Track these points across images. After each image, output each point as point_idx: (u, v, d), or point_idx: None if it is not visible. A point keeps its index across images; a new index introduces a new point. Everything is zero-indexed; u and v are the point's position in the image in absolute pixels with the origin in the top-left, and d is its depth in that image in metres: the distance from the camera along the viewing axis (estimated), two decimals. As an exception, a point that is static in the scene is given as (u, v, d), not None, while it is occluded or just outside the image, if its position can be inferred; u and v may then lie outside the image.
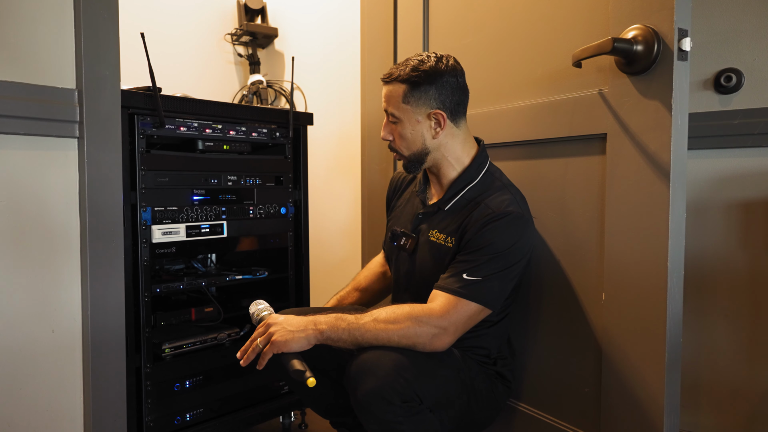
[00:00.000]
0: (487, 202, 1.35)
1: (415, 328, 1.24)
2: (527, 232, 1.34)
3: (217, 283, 1.82)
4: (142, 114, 1.58)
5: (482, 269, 1.28)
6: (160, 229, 1.62)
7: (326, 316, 1.30)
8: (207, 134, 1.74)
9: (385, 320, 1.26)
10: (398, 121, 1.40)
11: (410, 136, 1.41)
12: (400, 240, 1.51)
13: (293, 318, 1.31)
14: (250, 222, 1.85)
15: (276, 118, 1.91)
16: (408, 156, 1.43)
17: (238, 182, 1.82)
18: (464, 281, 1.28)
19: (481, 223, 1.32)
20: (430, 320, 1.25)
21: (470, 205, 1.38)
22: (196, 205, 1.71)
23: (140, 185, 1.58)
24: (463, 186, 1.42)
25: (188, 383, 1.71)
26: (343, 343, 1.27)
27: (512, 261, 1.30)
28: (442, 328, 1.25)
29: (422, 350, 1.25)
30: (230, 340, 1.83)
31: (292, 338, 1.26)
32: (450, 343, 1.27)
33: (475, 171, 1.43)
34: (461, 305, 1.27)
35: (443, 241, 1.40)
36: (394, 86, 1.39)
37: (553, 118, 1.42)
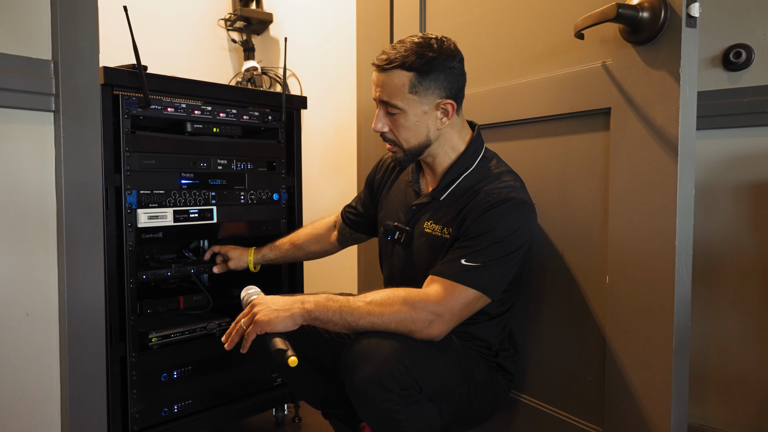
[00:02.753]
0: (487, 190, 1.28)
1: (411, 313, 1.17)
2: (530, 218, 1.28)
3: (206, 271, 1.76)
4: (127, 93, 1.52)
5: (482, 255, 1.22)
6: (146, 213, 1.56)
7: (315, 296, 1.23)
8: (196, 116, 1.68)
9: (380, 303, 1.19)
10: (401, 112, 1.29)
11: (414, 128, 1.31)
12: (393, 234, 1.43)
13: (279, 297, 1.25)
14: (242, 208, 1.79)
15: (268, 100, 1.85)
16: (407, 149, 1.34)
17: (229, 167, 1.76)
18: (462, 267, 1.21)
19: (482, 209, 1.25)
20: (426, 306, 1.18)
21: (467, 194, 1.31)
22: (184, 189, 1.65)
23: (125, 167, 1.52)
24: (459, 174, 1.35)
25: (176, 374, 1.65)
26: (333, 326, 1.20)
27: (513, 247, 1.24)
28: (438, 315, 1.18)
29: (419, 338, 1.18)
30: (220, 329, 1.77)
31: (276, 317, 1.20)
32: (446, 331, 1.20)
33: (471, 158, 1.36)
34: (458, 291, 1.20)
35: (439, 232, 1.33)
36: (396, 73, 1.26)
37: (554, 94, 1.35)
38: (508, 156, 1.49)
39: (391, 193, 1.51)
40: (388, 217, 1.47)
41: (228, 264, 1.75)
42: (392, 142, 1.34)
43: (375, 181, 1.59)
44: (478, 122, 1.58)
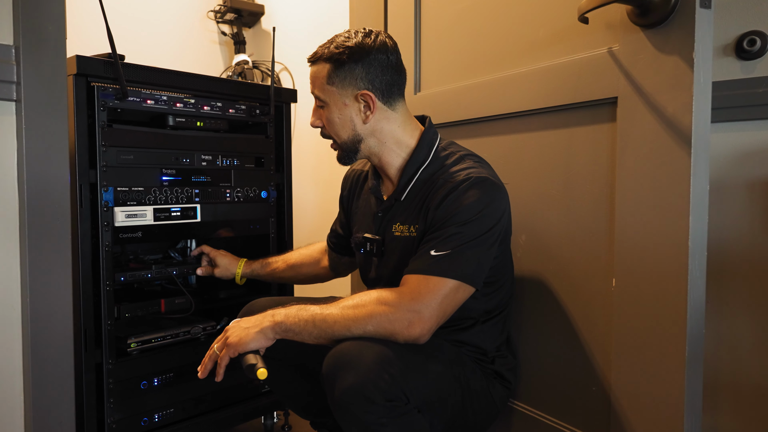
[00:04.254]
0: (446, 177, 1.21)
1: (387, 313, 1.09)
2: (496, 195, 1.18)
3: (192, 272, 1.67)
4: (103, 84, 1.44)
5: (450, 241, 1.13)
6: (124, 211, 1.47)
7: (286, 307, 1.16)
8: (178, 109, 1.59)
9: (353, 306, 1.11)
10: (325, 104, 1.27)
11: (338, 121, 1.27)
12: (365, 246, 1.36)
13: (252, 316, 1.19)
14: (228, 206, 1.70)
15: (256, 93, 1.76)
16: (341, 144, 1.29)
17: (214, 163, 1.67)
18: (432, 258, 1.13)
19: (442, 196, 1.18)
20: (402, 304, 1.09)
21: (427, 186, 1.24)
22: (165, 186, 1.57)
23: (101, 162, 1.43)
24: (415, 169, 1.28)
25: (157, 381, 1.56)
26: (308, 336, 1.12)
27: (484, 228, 1.15)
28: (416, 312, 1.09)
29: (401, 340, 1.10)
30: (206, 334, 1.68)
31: (247, 335, 1.14)
32: (428, 330, 1.11)
33: (425, 151, 1.29)
34: (432, 284, 1.11)
35: (407, 232, 1.25)
36: (319, 66, 1.26)
37: (556, 83, 1.26)
38: (506, 150, 1.41)
39: (359, 206, 1.44)
40: (360, 230, 1.40)
41: (214, 270, 1.67)
42: (328, 137, 1.31)
43: (344, 199, 1.52)
44: (474, 115, 1.50)
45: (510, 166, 1.40)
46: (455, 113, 1.54)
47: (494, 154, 1.44)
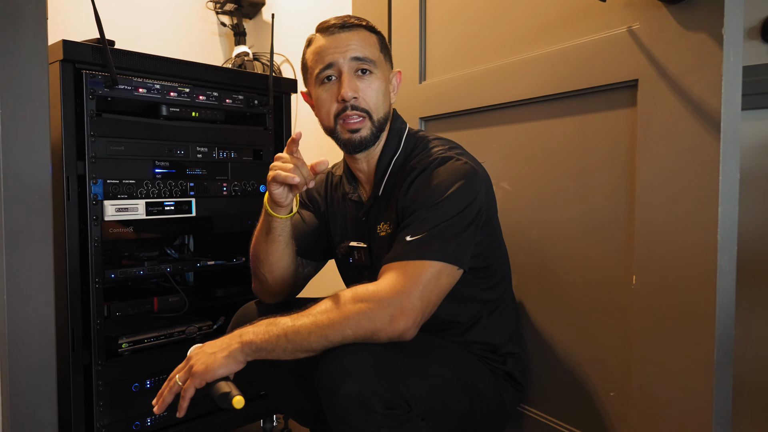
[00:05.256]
0: (413, 163, 1.14)
1: (365, 311, 0.98)
2: (468, 174, 1.08)
3: (184, 269, 1.60)
4: (92, 71, 1.37)
5: (424, 224, 1.04)
6: (114, 205, 1.40)
7: (255, 324, 1.06)
8: (172, 98, 1.52)
9: (327, 310, 1.00)
10: (372, 72, 1.16)
11: (384, 93, 1.18)
12: (353, 256, 1.25)
13: (218, 339, 1.08)
14: (224, 200, 1.63)
15: (254, 83, 1.69)
16: (376, 120, 1.17)
17: (210, 155, 1.60)
18: (408, 243, 1.03)
19: (409, 182, 1.11)
20: (381, 297, 0.99)
21: (398, 178, 1.17)
22: (158, 178, 1.49)
23: (89, 153, 1.36)
24: (388, 162, 1.20)
25: (149, 383, 1.49)
26: (283, 352, 1.01)
27: (458, 206, 1.05)
28: (397, 304, 0.98)
29: (385, 339, 0.99)
30: (201, 334, 1.61)
31: (214, 361, 1.02)
32: (415, 323, 1.00)
33: (395, 140, 1.21)
34: (411, 269, 1.01)
35: (389, 229, 1.16)
36: (362, 33, 1.17)
37: (569, 67, 1.18)
38: (516, 140, 1.32)
39: (336, 212, 1.32)
40: (344, 238, 1.28)
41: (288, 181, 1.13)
42: (361, 112, 1.15)
43: (316, 202, 1.36)
44: (482, 104, 1.42)
45: (520, 156, 1.32)
46: (463, 102, 1.46)
47: (503, 144, 1.36)
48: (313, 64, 1.19)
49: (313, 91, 1.21)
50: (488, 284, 1.19)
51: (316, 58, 1.18)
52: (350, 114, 1.14)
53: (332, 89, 1.16)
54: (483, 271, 1.17)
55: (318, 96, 1.19)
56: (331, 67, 1.16)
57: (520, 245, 1.31)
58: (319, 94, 1.18)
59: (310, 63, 1.20)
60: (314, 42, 1.20)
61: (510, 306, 1.25)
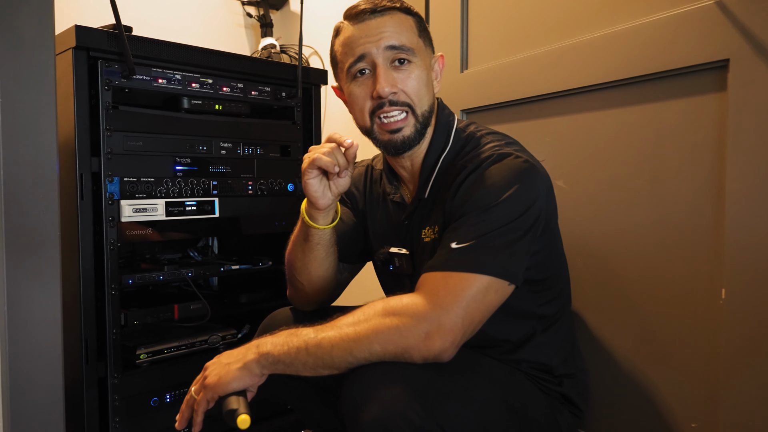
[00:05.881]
0: (465, 161, 1.00)
1: (397, 324, 0.85)
2: (527, 173, 0.94)
3: (207, 274, 1.49)
4: (108, 60, 1.26)
5: (474, 230, 0.90)
6: (132, 204, 1.29)
7: (275, 334, 0.94)
8: (193, 90, 1.40)
9: (354, 322, 0.88)
10: (412, 61, 1.01)
11: (427, 83, 1.03)
12: (394, 262, 1.12)
13: (234, 349, 0.97)
14: (249, 200, 1.51)
15: (282, 73, 1.57)
16: (420, 114, 1.02)
17: (234, 151, 1.49)
18: (453, 252, 0.89)
19: (458, 182, 0.97)
20: (416, 311, 0.86)
21: (446, 177, 1.02)
22: (179, 176, 1.38)
23: (105, 149, 1.26)
24: (436, 159, 1.05)
25: (169, 397, 1.38)
26: (303, 367, 0.90)
27: (514, 212, 0.91)
28: (434, 320, 0.85)
29: (419, 359, 0.86)
30: (225, 343, 1.50)
31: (227, 373, 0.92)
32: (453, 342, 0.86)
33: (443, 134, 1.06)
34: (453, 281, 0.87)
35: (433, 234, 1.02)
36: (397, 16, 1.02)
37: (641, 48, 1.03)
38: (575, 133, 1.18)
39: (376, 214, 1.18)
40: (383, 243, 1.15)
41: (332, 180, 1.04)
42: (403, 106, 1.01)
43: (356, 200, 1.22)
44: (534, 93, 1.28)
45: (580, 151, 1.17)
46: (511, 91, 1.32)
47: (559, 138, 1.22)
48: (342, 57, 1.06)
49: (345, 87, 1.08)
50: (545, 299, 1.04)
51: (346, 50, 1.04)
52: (389, 110, 1.01)
53: (366, 84, 1.03)
54: (540, 284, 1.02)
55: (351, 92, 1.05)
56: (363, 60, 1.02)
57: (578, 252, 1.16)
58: (352, 91, 1.05)
59: (340, 56, 1.07)
60: (342, 31, 1.06)
61: (568, 321, 1.11)
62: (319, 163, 0.98)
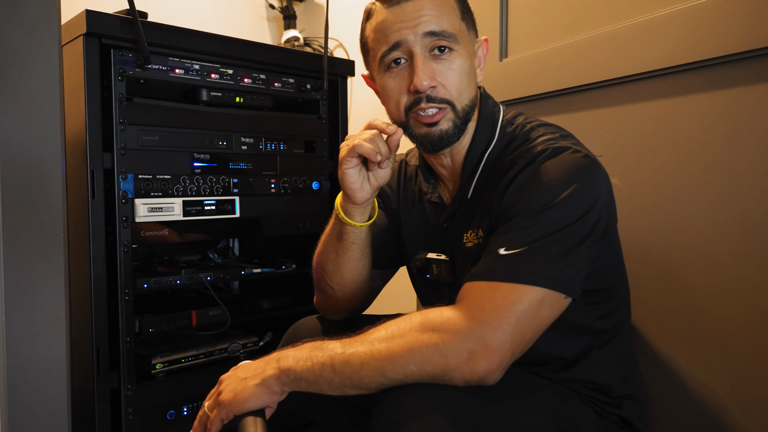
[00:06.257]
0: (514, 156, 0.88)
1: (437, 342, 0.74)
2: (588, 169, 0.83)
3: (227, 278, 1.39)
4: (122, 48, 1.17)
5: (526, 234, 0.78)
6: (147, 204, 1.20)
7: (298, 346, 0.84)
8: (213, 81, 1.31)
9: (387, 337, 0.77)
10: (453, 49, 0.89)
11: (470, 73, 0.91)
12: (431, 269, 1.00)
13: (253, 362, 0.87)
14: (272, 199, 1.42)
15: (306, 64, 1.47)
16: (461, 109, 0.90)
17: (256, 146, 1.39)
18: (500, 258, 0.78)
19: (508, 180, 0.85)
20: (459, 327, 0.75)
21: (493, 174, 0.90)
22: (197, 174, 1.29)
23: (118, 144, 1.17)
24: (479, 156, 0.93)
25: (186, 410, 1.29)
26: (328, 385, 0.80)
27: (573, 214, 0.79)
28: (479, 338, 0.74)
29: (461, 381, 0.75)
30: (246, 351, 1.40)
31: (243, 389, 0.82)
32: (500, 363, 0.75)
33: (488, 129, 0.94)
34: (502, 293, 0.76)
35: (476, 239, 0.91)
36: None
37: (714, 27, 0.91)
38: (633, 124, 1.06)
39: (411, 215, 1.07)
40: (420, 246, 1.03)
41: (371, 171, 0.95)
42: (442, 103, 0.89)
43: (389, 199, 1.12)
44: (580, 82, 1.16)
45: (638, 144, 1.05)
46: (558, 80, 1.20)
47: (613, 130, 1.10)
48: (374, 44, 0.94)
49: (377, 77, 0.97)
50: (604, 311, 0.92)
51: (379, 36, 0.93)
52: (426, 107, 0.89)
53: (401, 76, 0.91)
54: (598, 295, 0.90)
55: (384, 84, 0.94)
56: (398, 48, 0.90)
57: (637, 257, 1.04)
58: (386, 83, 0.94)
59: (371, 43, 0.95)
60: (375, 14, 0.94)
61: (627, 336, 0.98)
62: (360, 150, 0.88)
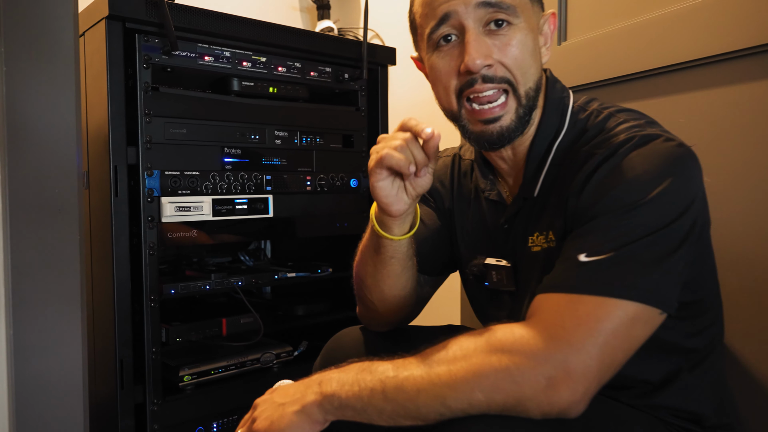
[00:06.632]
0: (591, 146, 0.74)
1: (510, 368, 0.63)
2: (682, 161, 0.70)
3: (259, 283, 1.29)
4: (147, 33, 1.08)
5: (612, 238, 0.66)
6: (174, 203, 1.11)
7: (343, 368, 0.73)
8: (245, 69, 1.21)
9: (449, 359, 0.66)
10: (513, 23, 0.77)
11: (532, 51, 0.78)
12: (490, 277, 0.88)
13: (291, 385, 0.77)
14: (308, 198, 1.31)
15: (344, 51, 1.36)
16: (524, 93, 0.78)
17: (290, 141, 1.29)
18: (581, 267, 0.66)
19: (585, 174, 0.72)
20: (534, 348, 0.63)
21: (565, 167, 0.77)
22: (228, 170, 1.19)
23: (143, 138, 1.08)
24: (547, 146, 0.80)
25: (216, 426, 1.19)
26: (377, 414, 0.68)
27: (670, 212, 0.67)
28: (559, 362, 0.62)
29: (538, 413, 0.63)
30: (280, 362, 1.30)
31: (281, 417, 0.73)
32: (588, 392, 0.63)
33: (556, 116, 0.81)
34: (585, 309, 0.64)
35: (545, 242, 0.78)
36: None
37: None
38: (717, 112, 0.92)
39: (466, 215, 0.94)
40: (475, 250, 0.91)
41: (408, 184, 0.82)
42: (501, 83, 0.77)
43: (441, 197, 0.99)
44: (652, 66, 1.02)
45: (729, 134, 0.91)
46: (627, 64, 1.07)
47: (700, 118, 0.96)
48: (422, 20, 0.82)
49: (426, 59, 0.85)
50: (695, 327, 0.79)
51: (426, 10, 0.81)
52: (482, 88, 0.76)
53: (451, 56, 0.79)
54: (690, 309, 0.77)
55: (432, 65, 0.82)
56: (447, 22, 0.78)
57: (729, 265, 0.90)
58: (434, 63, 0.81)
59: (419, 19, 0.83)
60: None
61: (720, 357, 0.84)
62: (388, 163, 0.75)
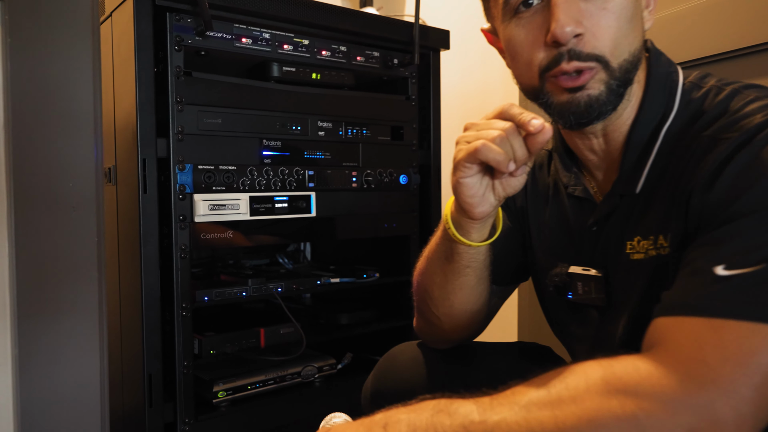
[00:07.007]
0: (716, 131, 0.59)
1: (637, 414, 0.48)
2: None
3: (300, 289, 1.17)
4: (179, 11, 0.97)
5: (760, 246, 0.52)
6: (208, 200, 1.00)
7: (412, 406, 0.59)
8: (285, 53, 1.10)
9: (548, 402, 0.52)
10: None
11: (630, 19, 0.63)
12: (575, 288, 0.73)
13: (347, 425, 0.64)
14: (353, 195, 1.19)
15: (393, 33, 1.23)
16: (618, 66, 0.63)
17: (335, 132, 1.17)
18: (721, 281, 0.51)
19: (714, 165, 0.57)
20: (667, 389, 0.49)
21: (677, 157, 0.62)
22: (267, 164, 1.08)
23: (175, 128, 0.97)
24: (653, 131, 0.65)
25: (253, 447, 1.08)
26: None
27: None
28: (703, 407, 0.48)
29: None
30: (322, 376, 1.18)
31: None
32: None
33: (662, 93, 0.66)
34: (732, 338, 0.49)
35: (653, 249, 0.62)
36: None
37: None
38: None
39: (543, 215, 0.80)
40: (555, 257, 0.77)
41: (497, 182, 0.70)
42: (589, 60, 0.62)
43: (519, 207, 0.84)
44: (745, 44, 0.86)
45: None
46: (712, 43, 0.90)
47: None
48: None
49: (501, 30, 0.70)
50: None
51: None
52: (568, 68, 0.62)
53: (534, 24, 0.64)
54: None
55: (509, 37, 0.67)
56: None
57: None
58: (513, 34, 0.66)
59: None
60: None
61: None
62: (484, 157, 0.61)
